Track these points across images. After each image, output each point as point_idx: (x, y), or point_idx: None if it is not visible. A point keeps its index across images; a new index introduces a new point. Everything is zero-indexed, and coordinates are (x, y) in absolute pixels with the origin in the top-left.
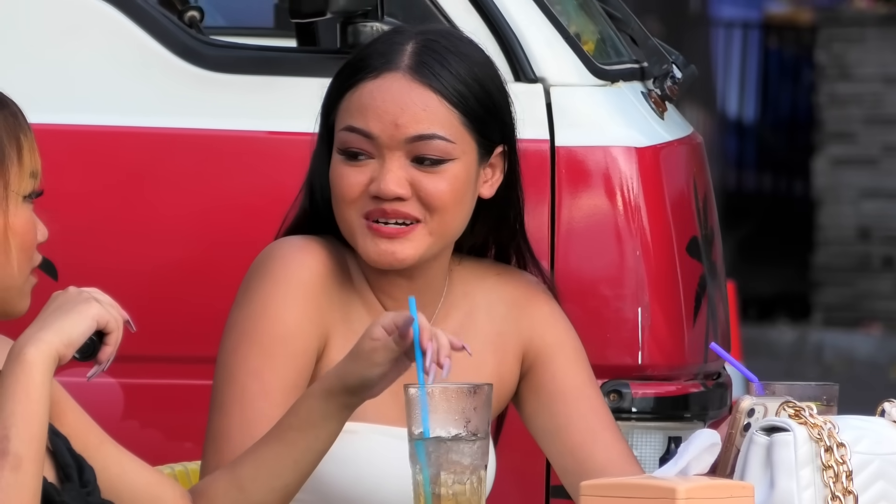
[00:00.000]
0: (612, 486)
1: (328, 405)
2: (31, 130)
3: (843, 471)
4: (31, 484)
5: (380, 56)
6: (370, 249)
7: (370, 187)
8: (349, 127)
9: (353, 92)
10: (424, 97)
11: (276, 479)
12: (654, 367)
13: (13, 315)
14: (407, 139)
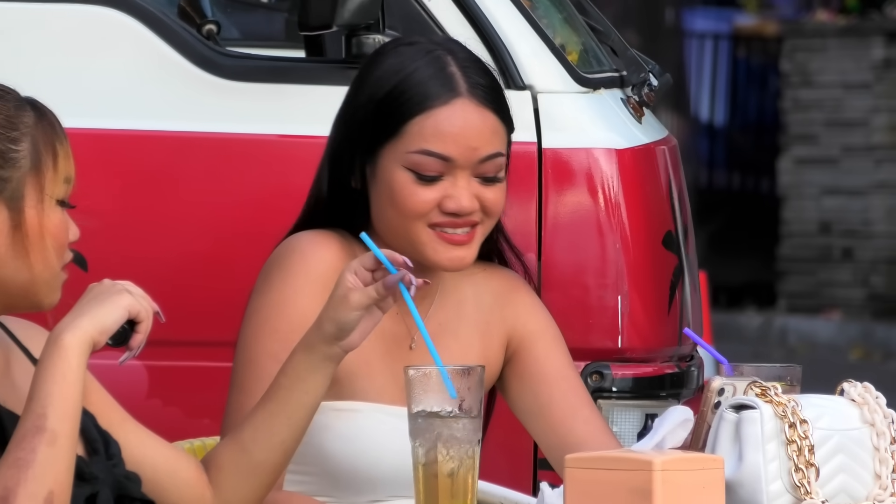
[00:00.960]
0: (593, 458)
1: (311, 357)
2: (66, 139)
3: (806, 445)
4: (66, 457)
5: (438, 80)
6: (442, 257)
7: (444, 204)
8: (426, 151)
9: (424, 117)
10: (491, 120)
11: (273, 437)
12: (632, 351)
13: (43, 308)
14: (479, 160)
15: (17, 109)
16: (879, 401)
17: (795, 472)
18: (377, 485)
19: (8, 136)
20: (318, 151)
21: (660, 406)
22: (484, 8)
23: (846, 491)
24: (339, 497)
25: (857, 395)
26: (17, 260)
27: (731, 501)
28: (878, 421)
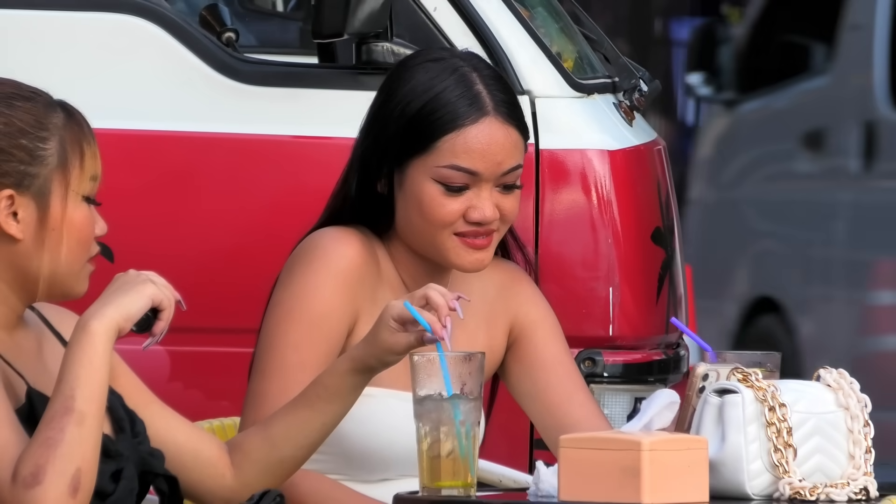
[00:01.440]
0: (586, 439)
1: (354, 380)
2: (94, 139)
3: (784, 427)
4: (93, 436)
5: (468, 102)
6: (464, 260)
7: (469, 214)
8: (455, 166)
9: (455, 135)
10: (512, 136)
11: (304, 439)
12: (623, 338)
13: (72, 297)
14: (503, 173)
15: (46, 110)
16: (853, 386)
17: (774, 452)
18: (388, 464)
19: (37, 135)
20: (331, 151)
21: (648, 390)
22: (485, 18)
23: (822, 470)
24: (353, 475)
25: (833, 380)
26: (45, 251)
27: (715, 480)
28: (852, 405)
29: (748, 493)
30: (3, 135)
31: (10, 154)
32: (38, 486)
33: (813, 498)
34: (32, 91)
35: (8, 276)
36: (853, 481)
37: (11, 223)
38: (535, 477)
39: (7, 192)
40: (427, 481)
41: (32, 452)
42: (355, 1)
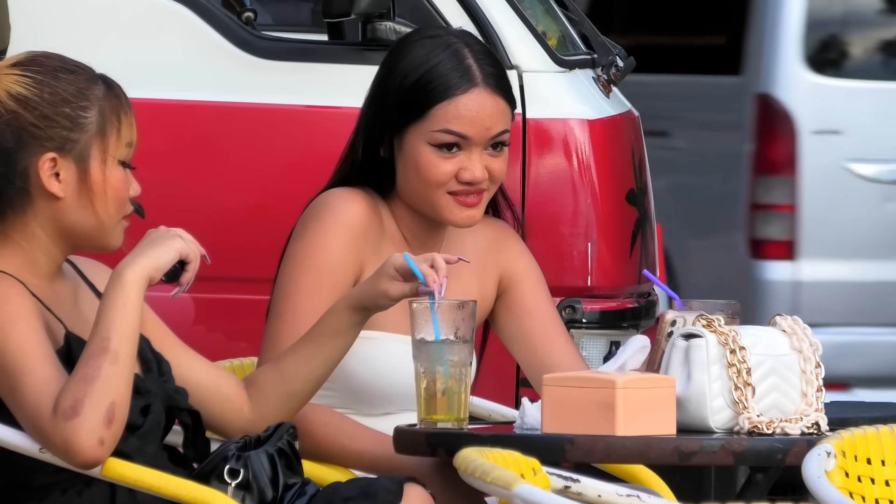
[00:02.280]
0: (567, 378)
1: (352, 318)
2: (131, 110)
3: (744, 368)
4: (126, 374)
5: (458, 72)
6: (457, 216)
7: (460, 174)
8: (448, 130)
9: (447, 103)
10: (500, 104)
11: (310, 373)
12: (600, 288)
13: (108, 249)
14: (490, 137)
15: (88, 82)
16: (806, 331)
17: (735, 390)
18: (390, 400)
19: (79, 104)
20: (339, 119)
21: (622, 335)
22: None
23: (777, 406)
24: (358, 409)
25: (788, 326)
26: (83, 209)
27: (681, 415)
28: (805, 348)
29: (711, 427)
30: (49, 103)
31: (54, 121)
32: (77, 417)
33: (769, 431)
34: (76, 65)
35: (50, 230)
36: (806, 417)
37: (54, 183)
38: (521, 412)
39: (50, 155)
40: (424, 415)
41: (71, 387)
42: None
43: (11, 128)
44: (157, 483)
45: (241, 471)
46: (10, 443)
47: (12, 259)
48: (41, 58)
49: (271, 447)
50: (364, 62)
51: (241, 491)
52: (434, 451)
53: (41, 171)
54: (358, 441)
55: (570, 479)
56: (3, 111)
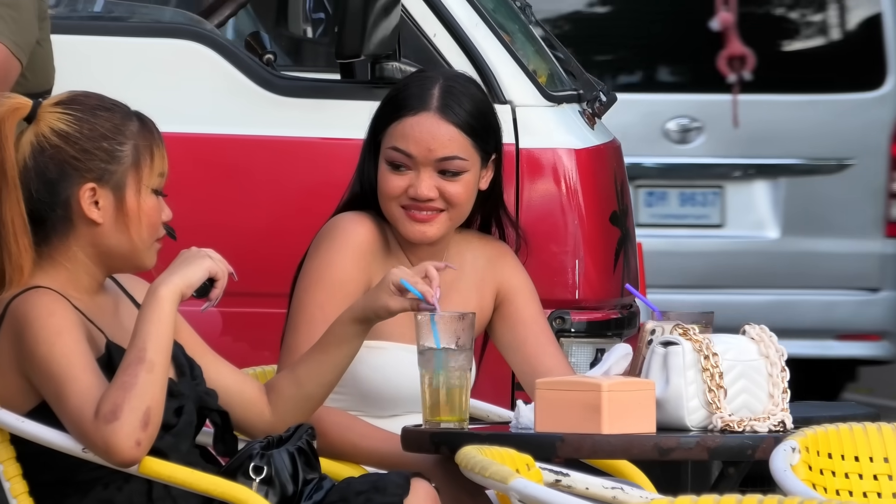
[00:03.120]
0: (557, 382)
1: (355, 328)
2: (162, 143)
3: (717, 372)
4: (160, 381)
5: (416, 98)
6: (409, 230)
7: (409, 190)
8: (395, 147)
9: (398, 123)
10: (449, 131)
11: (321, 377)
12: (586, 301)
13: (143, 269)
14: (437, 159)
15: (123, 119)
16: (772, 339)
17: (709, 392)
18: (397, 403)
19: (116, 139)
20: (350, 150)
21: (607, 343)
22: (475, 42)
23: (747, 407)
24: (368, 411)
25: (756, 334)
26: (119, 233)
27: (660, 415)
28: (772, 354)
29: (688, 426)
30: (88, 138)
31: (94, 154)
32: (116, 420)
33: (740, 429)
34: (113, 103)
35: (90, 253)
36: (773, 416)
37: (94, 210)
38: (516, 413)
39: (90, 185)
40: (429, 416)
41: (111, 394)
42: (370, 28)
43: (55, 161)
44: (189, 479)
45: (264, 468)
46: (56, 443)
47: (56, 277)
48: (81, 97)
49: (292, 446)
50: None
51: (265, 486)
52: (438, 449)
53: (82, 199)
54: (369, 440)
55: (561, 473)
56: (47, 146)
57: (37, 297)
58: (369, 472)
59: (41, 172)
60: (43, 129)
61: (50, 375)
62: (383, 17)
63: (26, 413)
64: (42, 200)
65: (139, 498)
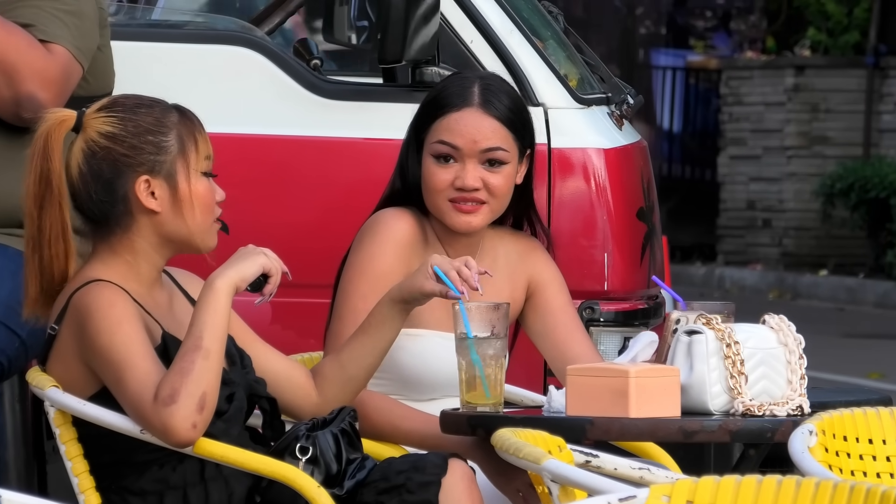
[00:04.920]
0: (587, 368)
1: (393, 310)
2: (203, 128)
3: (738, 360)
4: (216, 368)
5: (457, 96)
6: (456, 221)
7: (455, 182)
8: (441, 140)
9: (442, 119)
10: (492, 123)
11: (363, 360)
12: (615, 292)
13: (205, 250)
14: (481, 150)
15: (163, 112)
16: (791, 328)
17: (731, 378)
18: (435, 387)
19: (159, 131)
20: (391, 149)
21: (634, 332)
22: (510, 48)
23: (767, 392)
24: (408, 395)
25: (775, 324)
26: (178, 219)
27: (685, 400)
28: (790, 342)
29: (710, 410)
30: (134, 135)
31: (141, 149)
32: (174, 404)
33: (760, 414)
34: (152, 100)
35: (154, 241)
36: (791, 401)
37: (151, 200)
38: (548, 397)
39: (144, 178)
40: (466, 400)
41: (169, 379)
42: (411, 35)
43: (107, 161)
44: (240, 459)
45: (310, 448)
46: (115, 425)
47: (117, 269)
48: (121, 99)
49: (335, 427)
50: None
51: (311, 465)
52: (474, 431)
53: (138, 192)
54: (409, 422)
55: (591, 454)
56: (97, 149)
57: (98, 290)
58: (409, 451)
59: (96, 175)
60: (91, 135)
61: (111, 363)
62: (423, 25)
63: (88, 398)
64: (102, 201)
65: (192, 477)
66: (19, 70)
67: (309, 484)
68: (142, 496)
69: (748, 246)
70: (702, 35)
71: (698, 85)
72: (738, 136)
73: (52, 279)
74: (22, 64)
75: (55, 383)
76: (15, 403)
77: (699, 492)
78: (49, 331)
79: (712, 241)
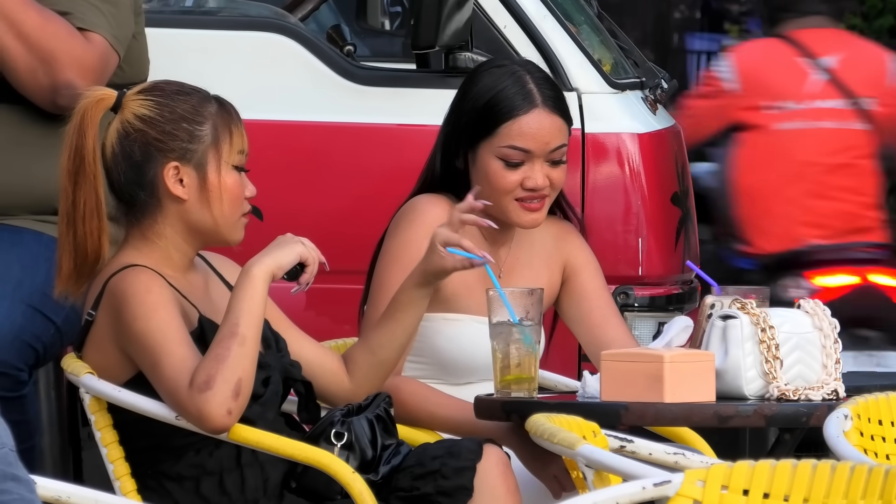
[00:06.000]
0: (621, 353)
1: (416, 293)
2: (241, 122)
3: (773, 344)
4: (251, 354)
5: (520, 97)
6: (523, 220)
7: (525, 182)
8: (513, 146)
9: (512, 122)
10: (557, 122)
11: (391, 343)
12: (649, 277)
13: (231, 244)
14: (550, 150)
15: (201, 101)
16: (826, 312)
17: (766, 363)
18: (472, 371)
19: (195, 120)
20: (425, 135)
21: (669, 317)
22: (544, 33)
23: (802, 377)
24: (445, 379)
25: (810, 308)
26: (203, 209)
27: (720, 384)
28: (825, 327)
29: (745, 395)
30: (169, 121)
31: (175, 135)
32: (210, 390)
33: (795, 398)
34: (193, 88)
35: (180, 229)
36: (826, 385)
37: (178, 187)
38: (583, 383)
39: (174, 164)
40: (500, 386)
41: (205, 365)
42: (444, 21)
43: (139, 143)
44: (275, 444)
45: (345, 434)
46: (150, 411)
47: (150, 255)
48: (162, 84)
49: (370, 413)
50: (447, 87)
51: (346, 451)
52: (509, 417)
53: (167, 177)
54: (444, 408)
55: (625, 439)
56: (131, 130)
57: (134, 276)
58: (444, 437)
59: (127, 156)
60: (127, 116)
61: (147, 348)
62: (456, 10)
63: (123, 384)
64: (130, 182)
65: (228, 462)
66: (58, 58)
67: (344, 469)
68: (178, 481)
69: None
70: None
71: None
72: None
73: (86, 256)
74: (61, 52)
75: (90, 370)
76: (50, 390)
77: (734, 476)
78: (86, 317)
79: None
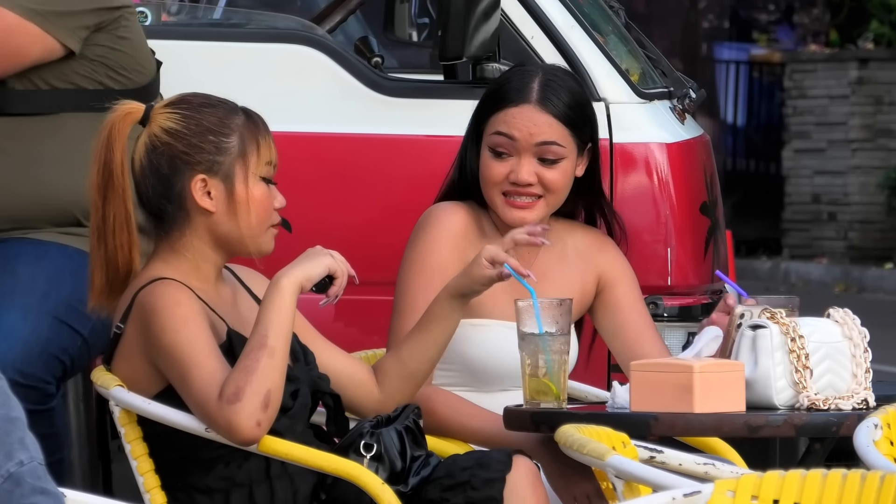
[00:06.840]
0: (651, 364)
1: (452, 304)
2: (269, 134)
3: (803, 353)
4: (280, 366)
5: (517, 91)
6: (509, 216)
7: (510, 175)
8: (498, 132)
9: (501, 112)
10: (548, 119)
11: (424, 353)
12: (679, 287)
13: (260, 255)
14: (536, 144)
15: (228, 113)
16: (855, 321)
17: (795, 373)
18: (502, 378)
19: (221, 132)
20: (453, 146)
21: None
22: (571, 43)
23: (832, 386)
24: (476, 387)
25: (840, 317)
26: (231, 220)
27: (749, 394)
28: (855, 336)
29: (776, 405)
30: (195, 133)
31: (201, 147)
32: (238, 402)
33: (825, 408)
34: (219, 100)
35: (208, 240)
36: (856, 394)
37: (206, 200)
38: (612, 393)
39: (201, 176)
40: (529, 397)
41: (234, 377)
42: (472, 32)
43: (166, 157)
44: (304, 456)
45: (374, 445)
46: (179, 423)
47: (179, 267)
48: (189, 97)
49: (399, 425)
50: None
51: (375, 462)
52: (538, 428)
53: (194, 190)
54: (474, 419)
55: (655, 450)
56: (158, 143)
57: (163, 288)
58: (474, 448)
59: (155, 169)
60: (155, 130)
61: (176, 361)
62: (484, 21)
63: (152, 396)
64: (158, 195)
65: (258, 475)
66: None
67: (374, 481)
68: (208, 494)
69: (813, 240)
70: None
71: (762, 78)
72: (802, 129)
73: (118, 270)
74: None
75: (120, 382)
76: (79, 402)
77: (764, 486)
78: (115, 329)
79: (777, 235)
